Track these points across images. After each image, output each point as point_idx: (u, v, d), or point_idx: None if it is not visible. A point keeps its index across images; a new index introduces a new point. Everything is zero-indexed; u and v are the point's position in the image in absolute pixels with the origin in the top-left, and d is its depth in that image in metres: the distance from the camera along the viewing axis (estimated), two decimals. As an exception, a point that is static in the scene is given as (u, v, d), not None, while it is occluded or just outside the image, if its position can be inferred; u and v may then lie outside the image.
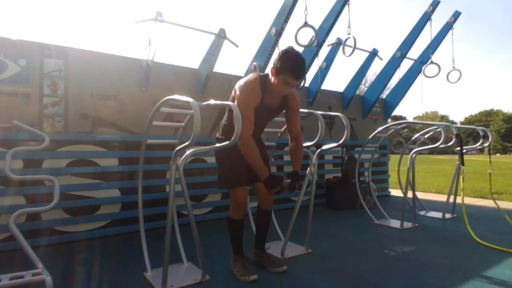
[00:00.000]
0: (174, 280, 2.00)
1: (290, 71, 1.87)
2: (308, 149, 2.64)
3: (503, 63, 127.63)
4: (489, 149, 4.34)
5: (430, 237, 3.15)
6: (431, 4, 4.94)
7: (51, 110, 2.90)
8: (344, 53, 4.02)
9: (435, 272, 2.23)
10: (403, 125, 4.00)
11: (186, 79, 3.72)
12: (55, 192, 2.14)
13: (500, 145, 53.42)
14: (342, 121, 2.53)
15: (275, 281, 2.09)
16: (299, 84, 4.35)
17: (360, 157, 4.16)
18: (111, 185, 3.12)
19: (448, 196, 4.19)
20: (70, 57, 3.00)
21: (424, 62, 5.28)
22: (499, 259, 2.47)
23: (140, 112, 3.27)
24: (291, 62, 1.88)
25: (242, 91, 1.94)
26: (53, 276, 1.75)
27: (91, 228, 3.01)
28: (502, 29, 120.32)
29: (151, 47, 3.23)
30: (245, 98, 1.92)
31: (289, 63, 1.87)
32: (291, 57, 1.89)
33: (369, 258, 2.54)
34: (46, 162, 2.81)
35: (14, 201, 2.64)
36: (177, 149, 1.89)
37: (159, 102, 2.07)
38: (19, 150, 2.32)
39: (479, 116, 66.76)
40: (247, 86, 1.95)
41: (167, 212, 1.91)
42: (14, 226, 1.92)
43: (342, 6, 3.92)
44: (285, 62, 1.88)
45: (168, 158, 2.40)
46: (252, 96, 1.95)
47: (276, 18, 3.70)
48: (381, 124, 5.35)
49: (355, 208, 4.42)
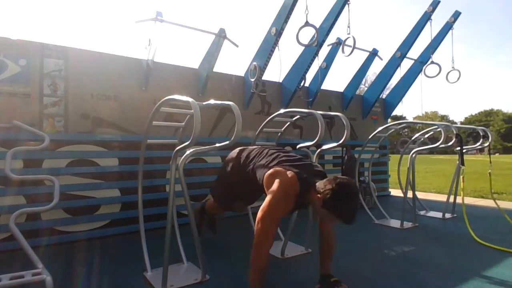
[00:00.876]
0: (174, 280, 2.00)
1: (343, 220, 1.64)
2: (308, 149, 2.64)
3: (503, 63, 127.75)
4: (489, 149, 4.34)
5: (430, 237, 3.15)
6: (431, 4, 4.94)
7: (51, 110, 2.90)
8: (344, 53, 4.02)
9: (435, 272, 2.23)
10: (403, 125, 4.00)
11: (186, 79, 3.72)
12: (55, 192, 2.15)
13: (500, 145, 53.41)
14: (342, 121, 2.53)
15: (275, 281, 2.09)
16: (298, 85, 4.35)
17: (360, 157, 4.16)
18: (111, 185, 3.11)
19: (448, 196, 4.19)
20: (70, 57, 3.00)
21: (424, 62, 5.28)
22: (499, 259, 2.47)
23: (140, 112, 3.27)
24: (349, 211, 1.64)
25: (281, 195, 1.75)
26: (53, 276, 1.75)
27: (91, 228, 3.01)
28: (502, 29, 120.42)
29: (151, 47, 3.23)
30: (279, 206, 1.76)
31: (346, 211, 1.64)
32: (350, 204, 1.64)
33: (369, 258, 2.54)
34: (46, 162, 2.81)
35: (14, 201, 2.64)
36: (177, 149, 1.90)
37: (159, 102, 2.07)
38: (19, 150, 2.32)
39: (479, 116, 66.75)
40: (287, 194, 1.77)
41: (167, 212, 1.91)
42: (14, 226, 1.93)
43: (342, 6, 3.92)
44: (342, 208, 1.64)
45: (168, 158, 2.41)
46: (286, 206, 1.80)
47: (276, 18, 3.70)
48: (381, 124, 5.35)
49: (355, 208, 4.41)
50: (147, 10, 7.31)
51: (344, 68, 11.31)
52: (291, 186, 1.77)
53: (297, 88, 4.37)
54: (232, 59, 7.16)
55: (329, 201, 1.63)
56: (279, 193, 1.75)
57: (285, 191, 1.76)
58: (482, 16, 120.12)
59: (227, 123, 3.95)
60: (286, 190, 1.76)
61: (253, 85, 3.88)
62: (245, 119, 2.10)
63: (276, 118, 2.82)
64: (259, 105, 4.36)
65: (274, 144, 3.44)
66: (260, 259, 1.75)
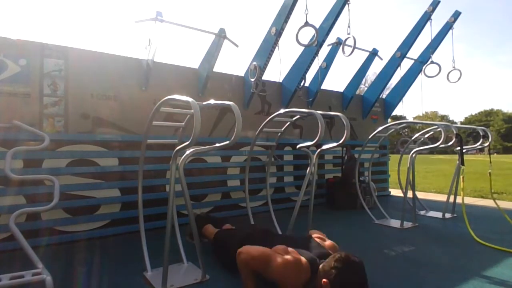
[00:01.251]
0: (174, 280, 2.00)
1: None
2: (308, 149, 2.64)
3: (503, 63, 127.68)
4: (489, 149, 4.34)
5: (430, 237, 3.15)
6: (431, 4, 4.94)
7: (51, 110, 2.90)
8: (343, 52, 4.02)
9: (435, 272, 2.23)
10: (403, 125, 4.00)
11: (186, 79, 3.72)
12: (55, 192, 2.15)
13: (500, 145, 53.41)
14: (342, 121, 2.53)
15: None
16: (298, 85, 4.35)
17: (360, 157, 4.16)
18: (111, 185, 3.11)
19: (448, 196, 4.19)
20: (70, 57, 3.00)
21: (424, 62, 5.28)
22: (499, 259, 2.47)
23: (140, 112, 3.27)
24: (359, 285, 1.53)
25: (291, 263, 1.67)
26: (53, 276, 1.75)
27: (91, 228, 3.01)
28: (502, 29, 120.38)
29: (151, 47, 3.23)
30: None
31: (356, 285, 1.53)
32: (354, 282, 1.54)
33: (369, 258, 2.53)
34: (46, 162, 2.81)
35: (14, 201, 2.64)
36: (177, 149, 1.89)
37: (159, 102, 2.07)
38: (19, 150, 2.32)
39: (479, 116, 66.72)
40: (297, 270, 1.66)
41: (167, 212, 1.91)
42: (14, 226, 1.93)
43: (342, 6, 3.92)
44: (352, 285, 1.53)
45: (168, 158, 2.41)
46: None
47: (276, 18, 3.70)
48: (381, 124, 5.35)
49: (355, 208, 4.42)
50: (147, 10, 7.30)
51: (344, 68, 11.30)
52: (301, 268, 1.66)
53: (297, 88, 4.37)
54: (232, 59, 7.16)
55: (333, 279, 1.52)
56: (290, 261, 1.66)
57: (297, 266, 1.65)
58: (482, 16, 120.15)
59: (227, 123, 3.95)
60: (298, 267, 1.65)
61: (253, 85, 3.88)
62: (245, 119, 2.11)
63: (276, 118, 2.82)
64: (259, 105, 4.36)
65: (274, 144, 3.45)
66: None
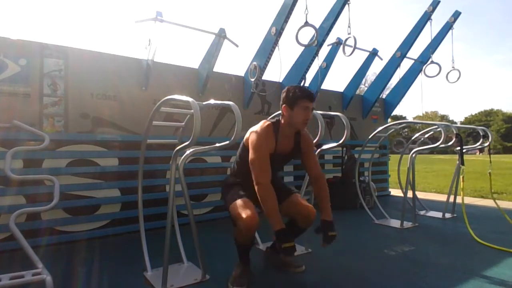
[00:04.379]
0: (174, 280, 2.00)
1: (302, 96, 1.94)
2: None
3: (503, 63, 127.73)
4: (489, 148, 4.34)
5: (430, 237, 3.15)
6: (431, 4, 4.94)
7: (51, 110, 2.90)
8: (344, 53, 4.02)
9: (435, 272, 2.23)
10: (403, 125, 4.00)
11: (186, 79, 3.72)
12: (55, 192, 2.14)
13: (500, 145, 53.40)
14: (342, 121, 2.53)
15: (275, 280, 2.09)
16: (299, 84, 4.35)
17: (360, 157, 4.16)
18: (111, 185, 3.12)
19: (448, 196, 4.20)
20: (70, 57, 3.00)
21: (424, 62, 5.28)
22: (499, 259, 2.47)
23: (140, 112, 3.27)
24: (298, 89, 1.97)
25: (257, 138, 1.93)
26: (53, 276, 1.75)
27: (91, 228, 3.01)
28: (502, 29, 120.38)
29: (151, 47, 3.23)
30: (260, 145, 1.92)
31: (297, 91, 1.96)
32: (295, 88, 1.99)
33: (369, 258, 2.54)
34: (46, 162, 2.81)
35: (14, 201, 2.64)
36: (177, 149, 1.90)
37: (159, 102, 2.07)
38: (19, 150, 2.32)
39: (479, 116, 66.71)
40: (261, 133, 1.95)
41: (167, 212, 1.92)
42: (14, 226, 1.92)
43: (342, 6, 3.92)
44: (293, 93, 1.96)
45: (168, 158, 2.41)
46: (267, 142, 1.95)
47: (276, 18, 3.70)
48: (381, 124, 5.36)
49: (355, 208, 4.42)
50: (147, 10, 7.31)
51: (344, 68, 11.31)
52: (262, 127, 1.97)
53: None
54: (232, 59, 7.17)
55: (289, 99, 1.95)
56: (254, 141, 1.92)
57: (259, 133, 1.94)
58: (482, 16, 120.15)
59: (227, 123, 3.95)
60: (260, 132, 1.95)
61: (253, 85, 3.88)
62: (245, 119, 2.10)
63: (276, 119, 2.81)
64: (259, 105, 4.36)
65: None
66: (269, 208, 1.82)
